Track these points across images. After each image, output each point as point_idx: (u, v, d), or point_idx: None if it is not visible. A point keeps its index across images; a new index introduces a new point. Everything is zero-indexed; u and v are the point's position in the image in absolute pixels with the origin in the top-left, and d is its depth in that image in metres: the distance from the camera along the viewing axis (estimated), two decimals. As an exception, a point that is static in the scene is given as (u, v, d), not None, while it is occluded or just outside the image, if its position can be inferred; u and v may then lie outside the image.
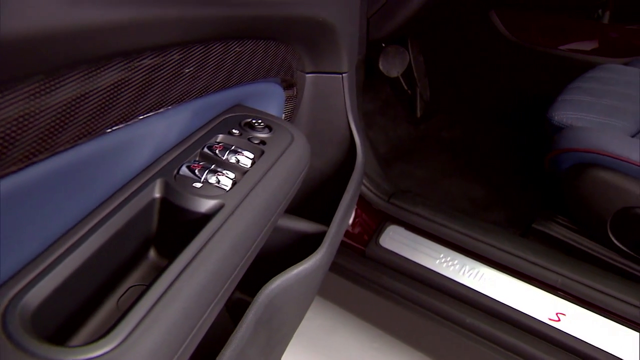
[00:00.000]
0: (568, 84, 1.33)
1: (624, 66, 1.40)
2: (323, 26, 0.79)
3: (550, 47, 1.62)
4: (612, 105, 1.22)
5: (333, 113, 0.95)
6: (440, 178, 1.53)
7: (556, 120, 1.20)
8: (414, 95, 1.79)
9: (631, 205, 1.06)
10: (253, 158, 0.61)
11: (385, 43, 1.63)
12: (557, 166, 1.17)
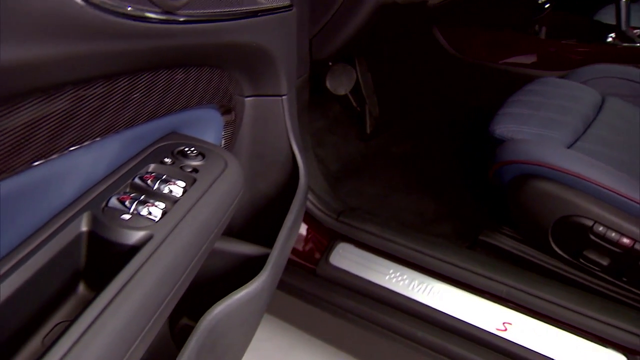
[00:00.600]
0: (508, 98, 1.37)
1: (561, 79, 1.45)
2: (258, 51, 0.80)
3: (492, 62, 1.66)
4: (549, 117, 1.26)
5: (275, 135, 0.96)
6: (391, 193, 1.55)
7: (497, 133, 1.23)
8: (363, 112, 1.81)
9: (569, 213, 1.09)
10: (185, 187, 0.60)
11: (332, 62, 1.65)
12: (500, 178, 1.20)
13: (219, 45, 0.69)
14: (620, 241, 1.05)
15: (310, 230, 1.25)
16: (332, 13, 1.17)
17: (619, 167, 1.13)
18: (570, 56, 1.60)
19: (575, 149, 1.19)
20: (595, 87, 1.42)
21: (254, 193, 1.00)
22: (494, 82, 1.66)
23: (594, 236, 1.07)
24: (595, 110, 1.34)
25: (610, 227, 1.06)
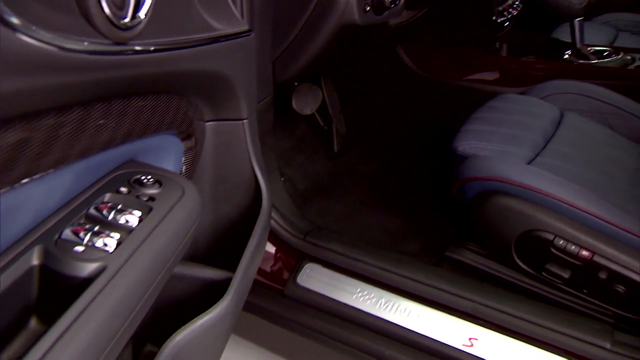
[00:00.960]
0: (471, 114, 1.39)
1: (521, 95, 1.49)
2: (217, 78, 0.80)
3: (455, 79, 1.70)
4: (511, 133, 1.29)
5: (237, 159, 0.96)
6: (358, 211, 1.56)
7: (460, 150, 1.26)
8: (330, 130, 1.83)
9: (531, 228, 1.11)
10: (141, 216, 0.60)
11: (297, 82, 1.66)
12: (463, 195, 1.22)
13: (176, 73, 0.70)
14: (580, 254, 1.07)
15: (277, 251, 1.25)
16: (293, 35, 1.18)
17: (578, 181, 1.16)
18: (531, 72, 1.64)
19: (536, 164, 1.22)
20: (554, 102, 1.46)
21: (218, 216, 1.00)
22: (457, 99, 1.69)
23: (555, 250, 1.09)
24: (554, 126, 1.37)
25: (570, 240, 1.08)
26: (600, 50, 1.67)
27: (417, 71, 1.72)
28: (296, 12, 1.16)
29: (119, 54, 0.55)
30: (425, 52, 1.73)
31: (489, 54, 1.75)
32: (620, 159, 1.30)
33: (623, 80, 1.52)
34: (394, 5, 1.21)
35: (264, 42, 1.16)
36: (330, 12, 1.12)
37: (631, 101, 1.42)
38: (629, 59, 1.61)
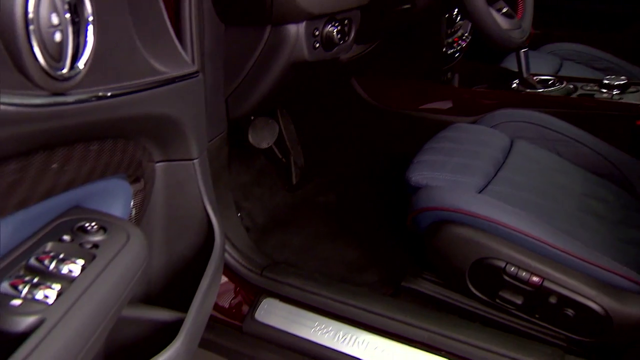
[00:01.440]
0: (424, 145, 1.42)
1: (473, 125, 1.53)
2: (164, 120, 0.81)
3: (409, 109, 1.73)
4: (462, 163, 1.32)
5: (189, 198, 0.96)
6: (317, 244, 1.57)
7: (413, 181, 1.28)
8: (289, 162, 1.84)
9: (483, 256, 1.13)
10: (84, 264, 0.60)
11: (254, 116, 1.68)
12: (417, 225, 1.24)
13: (121, 119, 0.70)
14: (531, 280, 1.09)
15: (235, 287, 1.25)
16: (245, 73, 1.19)
17: (527, 207, 1.19)
18: (482, 102, 1.68)
19: (487, 192, 1.25)
20: (504, 131, 1.50)
21: (171, 256, 0.99)
22: (412, 129, 1.72)
23: (507, 276, 1.12)
24: (504, 154, 1.41)
25: (521, 267, 1.10)
26: (546, 79, 1.73)
27: (371, 102, 1.75)
28: (247, 50, 1.17)
29: (58, 105, 0.55)
30: (379, 84, 1.77)
31: (442, 84, 1.80)
32: (568, 185, 1.34)
33: (567, 108, 1.57)
34: (343, 42, 1.23)
35: (216, 80, 1.17)
36: (280, 50, 1.14)
37: (575, 128, 1.48)
38: (571, 87, 1.67)
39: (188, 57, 0.96)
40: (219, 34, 1.14)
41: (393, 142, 1.77)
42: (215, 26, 1.12)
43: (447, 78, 1.83)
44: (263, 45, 1.15)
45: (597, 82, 1.66)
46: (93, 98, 0.61)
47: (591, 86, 1.66)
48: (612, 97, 1.59)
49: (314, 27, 1.16)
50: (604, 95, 1.61)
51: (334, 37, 1.19)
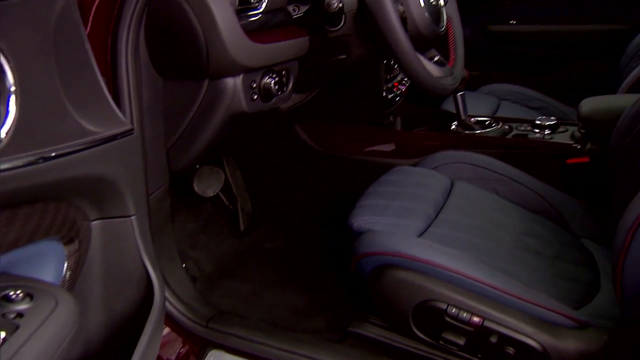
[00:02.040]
0: (366, 189, 1.45)
1: (414, 167, 1.56)
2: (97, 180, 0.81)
3: (352, 154, 1.76)
4: (404, 206, 1.35)
5: (127, 255, 0.96)
6: (265, 291, 1.57)
7: (355, 226, 1.30)
8: (236, 209, 1.84)
9: (425, 299, 1.15)
10: (5, 336, 0.59)
11: (199, 164, 1.68)
12: (361, 270, 1.25)
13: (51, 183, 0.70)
14: (471, 320, 1.11)
15: (180, 340, 1.23)
16: (184, 125, 1.20)
17: (467, 248, 1.22)
18: (423, 144, 1.73)
19: (428, 235, 1.27)
20: (445, 172, 1.54)
21: (110, 314, 0.98)
22: (356, 173, 1.75)
23: (449, 318, 1.13)
24: (445, 195, 1.45)
25: (462, 308, 1.13)
26: (483, 120, 1.79)
27: (315, 147, 1.78)
28: (186, 103, 1.18)
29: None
30: (322, 129, 1.80)
31: (384, 127, 1.84)
32: (506, 223, 1.38)
33: (503, 149, 1.63)
34: (281, 92, 1.26)
35: (155, 133, 1.17)
36: (218, 102, 1.16)
37: (512, 167, 1.53)
38: (507, 128, 1.74)
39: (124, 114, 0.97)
40: (157, 87, 1.15)
41: (338, 186, 1.80)
42: (153, 80, 1.14)
43: (389, 121, 1.88)
44: (201, 99, 1.17)
45: (530, 122, 1.73)
46: (18, 165, 0.61)
47: (525, 126, 1.73)
48: (544, 137, 1.66)
49: (252, 80, 1.19)
50: (536, 135, 1.68)
51: (271, 88, 1.22)
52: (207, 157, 1.56)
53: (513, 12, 2.51)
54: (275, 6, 1.26)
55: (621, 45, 2.11)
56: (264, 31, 1.22)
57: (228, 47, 1.07)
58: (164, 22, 1.08)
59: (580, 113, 1.58)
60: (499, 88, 2.26)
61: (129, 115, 1.00)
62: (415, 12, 1.25)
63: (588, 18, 2.41)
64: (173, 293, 1.26)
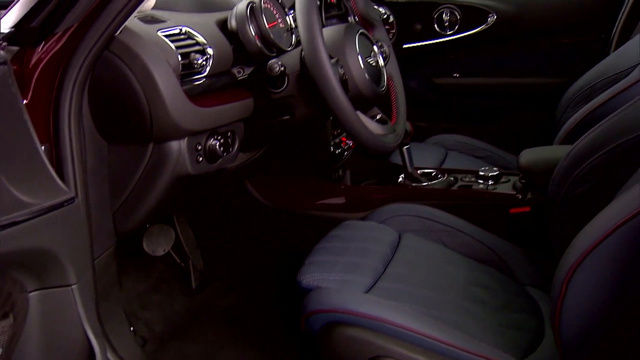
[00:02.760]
0: (316, 245, 1.46)
1: (362, 221, 1.59)
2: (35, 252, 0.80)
3: (302, 209, 1.78)
4: (352, 262, 1.36)
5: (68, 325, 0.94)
6: (217, 351, 1.55)
7: (304, 283, 1.30)
8: (187, 267, 1.83)
9: (375, 355, 1.15)
10: None
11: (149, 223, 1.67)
12: (310, 328, 1.25)
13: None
14: (421, 375, 1.12)
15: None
16: (130, 188, 1.20)
17: (415, 301, 1.24)
18: (371, 197, 1.76)
19: (376, 290, 1.29)
20: (393, 225, 1.57)
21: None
22: (306, 227, 1.77)
23: (399, 373, 1.14)
24: (393, 249, 1.47)
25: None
26: (429, 172, 1.84)
27: (266, 203, 1.79)
28: (131, 166, 1.19)
29: None
30: (272, 184, 1.82)
31: (333, 182, 1.87)
32: (453, 275, 1.41)
33: (449, 200, 1.68)
34: (227, 153, 1.28)
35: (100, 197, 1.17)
36: (163, 166, 1.17)
37: (457, 218, 1.57)
38: (452, 179, 1.79)
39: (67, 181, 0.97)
40: (102, 151, 1.16)
41: (289, 241, 1.80)
42: (97, 145, 1.14)
43: (338, 175, 1.91)
44: (146, 162, 1.17)
45: (474, 173, 1.79)
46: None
47: (469, 177, 1.79)
48: (488, 188, 1.72)
49: (197, 142, 1.20)
50: (480, 186, 1.73)
51: (217, 150, 1.24)
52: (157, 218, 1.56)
53: (456, 66, 2.61)
54: (219, 69, 1.29)
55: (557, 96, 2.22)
56: (209, 94, 1.24)
57: (171, 113, 1.09)
58: (107, 89, 1.09)
59: (520, 164, 1.64)
60: (446, 138, 2.33)
61: (72, 182, 1.00)
62: (355, 74, 1.30)
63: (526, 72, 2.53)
64: (120, 359, 1.23)
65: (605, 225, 0.94)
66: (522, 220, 1.63)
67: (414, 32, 2.59)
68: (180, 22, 1.26)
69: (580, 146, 1.40)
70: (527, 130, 2.51)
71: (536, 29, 2.50)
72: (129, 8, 1.00)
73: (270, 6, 1.43)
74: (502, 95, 2.59)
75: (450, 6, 2.53)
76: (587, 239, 0.96)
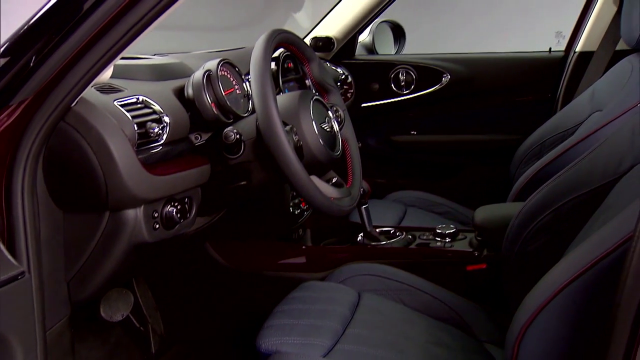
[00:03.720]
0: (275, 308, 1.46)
1: (321, 282, 1.59)
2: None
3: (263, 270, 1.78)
4: (311, 324, 1.36)
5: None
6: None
7: (264, 348, 1.30)
8: (147, 331, 1.79)
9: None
10: None
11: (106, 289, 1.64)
12: (270, 393, 1.24)
13: None
14: None
15: None
16: (86, 257, 1.19)
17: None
18: (331, 257, 1.78)
19: (335, 353, 1.29)
20: (352, 285, 1.58)
21: None
22: (267, 289, 1.77)
23: None
24: (352, 309, 1.47)
25: None
26: (387, 230, 1.87)
27: (226, 265, 1.79)
28: (86, 234, 1.18)
29: None
30: (232, 246, 1.82)
31: (293, 242, 1.88)
32: (413, 334, 1.42)
33: (407, 259, 1.71)
34: (184, 219, 1.28)
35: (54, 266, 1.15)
36: (119, 234, 1.17)
37: (416, 277, 1.59)
38: (410, 237, 1.82)
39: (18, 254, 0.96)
40: (57, 221, 1.15)
41: (250, 303, 1.80)
42: (52, 214, 1.13)
43: (298, 235, 1.93)
44: (102, 231, 1.17)
45: (432, 231, 1.83)
46: None
47: (427, 235, 1.82)
48: (445, 245, 1.75)
49: (153, 209, 1.21)
50: (438, 243, 1.76)
51: (174, 216, 1.24)
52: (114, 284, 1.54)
53: (414, 123, 2.69)
54: (176, 137, 1.31)
55: (511, 152, 2.30)
56: (166, 162, 1.26)
57: (127, 183, 1.10)
58: (63, 159, 1.10)
59: (475, 222, 1.68)
60: (405, 195, 2.38)
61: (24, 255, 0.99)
62: (309, 140, 1.33)
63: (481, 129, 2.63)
64: None
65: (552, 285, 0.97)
66: (478, 277, 1.67)
67: (371, 91, 2.67)
68: (137, 91, 1.28)
69: (530, 204, 1.45)
70: (484, 185, 2.58)
71: (488, 88, 2.61)
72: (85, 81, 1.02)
73: (227, 73, 1.47)
74: (459, 152, 2.67)
75: (405, 66, 2.63)
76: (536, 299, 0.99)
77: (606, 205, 1.24)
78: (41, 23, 1.00)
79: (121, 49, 1.01)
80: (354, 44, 2.69)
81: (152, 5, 0.96)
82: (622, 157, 1.24)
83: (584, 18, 2.45)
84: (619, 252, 0.87)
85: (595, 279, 0.91)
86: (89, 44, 0.98)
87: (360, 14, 2.53)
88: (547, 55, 2.59)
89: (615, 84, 1.96)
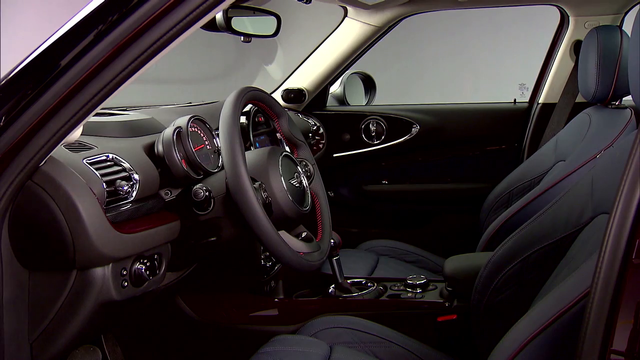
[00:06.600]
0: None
1: (293, 336, 1.58)
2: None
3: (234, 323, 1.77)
4: (283, 379, 1.35)
5: None
6: None
7: (235, 405, 1.28)
8: (115, 389, 1.75)
9: None
10: None
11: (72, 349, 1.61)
12: None
13: None
14: None
15: None
16: (51, 316, 1.17)
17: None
18: (302, 309, 1.78)
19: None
20: (324, 338, 1.57)
21: None
22: (239, 342, 1.75)
23: None
24: (323, 363, 1.47)
25: None
26: (359, 281, 1.88)
27: (197, 319, 1.77)
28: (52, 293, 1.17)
29: None
30: (203, 300, 1.81)
31: (265, 294, 1.88)
32: (385, 387, 1.42)
33: (379, 310, 1.71)
34: (153, 276, 1.28)
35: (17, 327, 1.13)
36: (86, 292, 1.15)
37: (387, 329, 1.59)
38: (381, 289, 1.83)
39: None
40: (22, 280, 1.13)
41: (222, 358, 1.77)
42: (16, 274, 1.12)
43: (270, 287, 1.92)
44: (69, 290, 1.16)
45: (403, 281, 1.84)
46: None
47: (398, 286, 1.83)
48: (416, 296, 1.76)
49: (122, 267, 1.20)
50: (408, 294, 1.77)
51: (143, 274, 1.24)
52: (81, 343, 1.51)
53: (385, 173, 2.74)
54: (146, 194, 1.31)
55: (480, 200, 2.34)
56: (135, 219, 1.25)
57: (95, 242, 1.09)
58: (29, 218, 1.09)
59: (445, 272, 1.70)
60: (377, 244, 2.39)
61: None
62: (278, 196, 1.35)
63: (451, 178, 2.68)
64: None
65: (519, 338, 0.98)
66: (449, 328, 1.67)
67: (343, 141, 2.72)
68: (107, 148, 1.29)
69: (497, 255, 1.47)
70: (455, 233, 2.62)
71: (457, 138, 2.68)
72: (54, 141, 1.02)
73: (198, 129, 1.49)
74: (430, 201, 2.72)
75: (376, 117, 2.69)
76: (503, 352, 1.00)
77: (569, 256, 1.27)
78: (13, 83, 1.01)
79: (93, 108, 1.02)
80: (325, 95, 2.75)
81: (126, 64, 0.97)
82: (583, 209, 1.28)
83: (545, 71, 2.55)
84: (579, 307, 0.89)
85: (558, 333, 0.92)
86: (60, 104, 0.99)
87: (331, 66, 2.60)
88: (512, 106, 2.68)
89: (576, 135, 2.03)
